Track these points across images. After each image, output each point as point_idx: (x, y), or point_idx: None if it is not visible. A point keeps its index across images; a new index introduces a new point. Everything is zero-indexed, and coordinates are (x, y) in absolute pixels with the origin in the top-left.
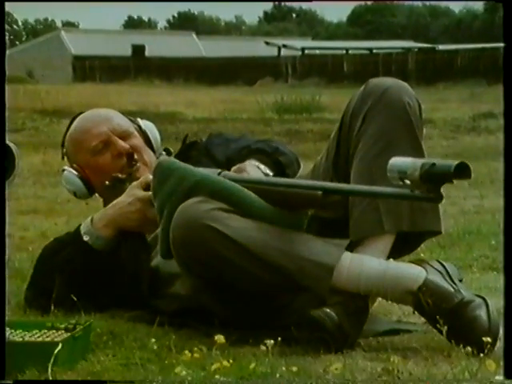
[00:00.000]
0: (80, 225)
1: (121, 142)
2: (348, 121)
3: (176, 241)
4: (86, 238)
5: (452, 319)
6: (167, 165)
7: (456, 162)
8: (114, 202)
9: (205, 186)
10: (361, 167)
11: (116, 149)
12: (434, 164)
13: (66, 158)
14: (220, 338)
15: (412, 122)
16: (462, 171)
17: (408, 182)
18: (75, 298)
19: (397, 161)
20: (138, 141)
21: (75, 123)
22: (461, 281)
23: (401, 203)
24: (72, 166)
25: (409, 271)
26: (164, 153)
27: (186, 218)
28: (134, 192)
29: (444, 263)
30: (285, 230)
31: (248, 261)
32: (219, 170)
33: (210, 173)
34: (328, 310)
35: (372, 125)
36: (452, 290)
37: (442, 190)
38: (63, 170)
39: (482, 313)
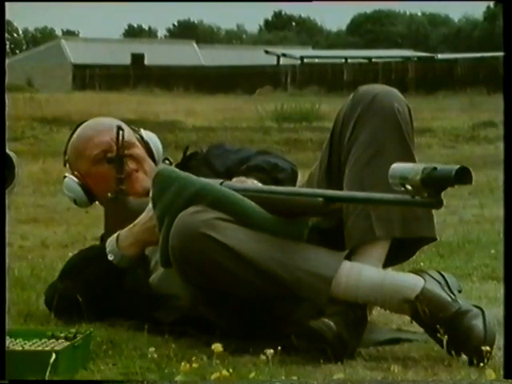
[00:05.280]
0: (105, 241)
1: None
2: (339, 129)
3: (175, 249)
4: (110, 258)
5: (449, 328)
6: (167, 174)
7: (457, 167)
8: (138, 219)
9: (205, 195)
10: (352, 175)
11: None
12: (435, 168)
13: (67, 166)
14: (217, 347)
15: (402, 128)
16: (464, 176)
17: (409, 187)
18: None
19: (398, 166)
20: (139, 150)
21: (78, 131)
22: (460, 292)
23: (392, 210)
24: (73, 174)
25: (407, 280)
26: (167, 162)
27: (184, 227)
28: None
29: (444, 274)
30: (284, 241)
31: (246, 270)
32: (221, 180)
33: (212, 182)
34: (326, 321)
35: (362, 132)
36: (449, 299)
37: (442, 196)
38: (64, 177)
39: (478, 322)
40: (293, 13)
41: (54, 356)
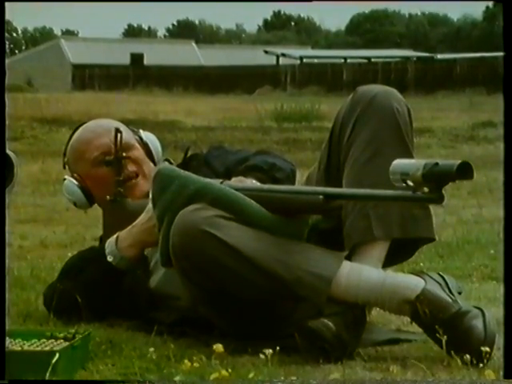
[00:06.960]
0: (103, 243)
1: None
2: (338, 130)
3: (175, 247)
4: (109, 259)
5: (449, 329)
6: (167, 172)
7: (458, 162)
8: (137, 220)
9: (205, 193)
10: (351, 175)
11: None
12: (436, 164)
13: (66, 167)
14: (218, 347)
15: (401, 128)
16: (465, 171)
17: (411, 183)
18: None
19: (399, 162)
20: (138, 153)
21: (78, 133)
22: (460, 293)
23: (391, 210)
24: (73, 176)
25: (407, 281)
26: (167, 163)
27: (185, 225)
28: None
29: (444, 275)
30: (284, 240)
31: (246, 268)
32: (220, 180)
33: (212, 181)
34: (326, 321)
35: (361, 132)
36: (449, 300)
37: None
38: (64, 179)
39: (478, 323)
40: (292, 13)
41: (57, 356)
